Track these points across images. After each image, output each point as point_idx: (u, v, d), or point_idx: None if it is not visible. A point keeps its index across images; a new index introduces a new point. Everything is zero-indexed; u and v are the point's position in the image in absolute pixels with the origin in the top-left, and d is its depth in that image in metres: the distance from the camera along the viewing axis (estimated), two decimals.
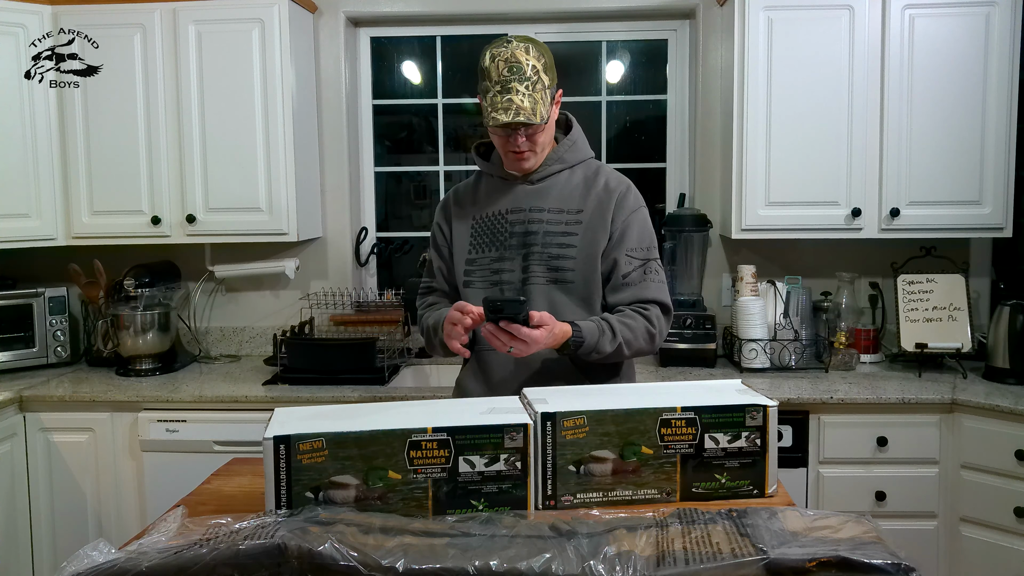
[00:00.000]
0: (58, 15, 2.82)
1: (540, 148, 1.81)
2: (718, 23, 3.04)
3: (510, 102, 1.68)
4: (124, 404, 2.65)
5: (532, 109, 1.69)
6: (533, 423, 1.37)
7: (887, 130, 2.71)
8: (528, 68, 1.70)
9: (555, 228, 1.83)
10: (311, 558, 1.09)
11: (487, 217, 1.89)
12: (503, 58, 1.70)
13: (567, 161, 1.88)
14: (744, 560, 1.11)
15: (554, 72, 1.79)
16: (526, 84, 1.69)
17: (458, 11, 3.13)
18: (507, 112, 1.68)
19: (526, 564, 1.10)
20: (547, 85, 1.73)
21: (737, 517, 1.23)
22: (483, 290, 1.86)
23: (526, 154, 1.79)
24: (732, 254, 3.13)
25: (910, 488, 2.48)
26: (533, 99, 1.70)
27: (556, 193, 1.85)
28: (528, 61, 1.71)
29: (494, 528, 1.21)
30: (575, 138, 1.91)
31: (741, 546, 1.13)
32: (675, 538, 1.17)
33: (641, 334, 1.79)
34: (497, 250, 1.86)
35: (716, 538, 1.16)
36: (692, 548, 1.14)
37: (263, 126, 2.83)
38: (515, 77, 1.69)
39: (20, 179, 2.82)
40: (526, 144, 1.77)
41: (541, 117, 1.70)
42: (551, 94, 1.76)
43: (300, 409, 1.48)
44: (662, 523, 1.22)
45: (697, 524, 1.21)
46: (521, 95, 1.68)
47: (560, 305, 1.81)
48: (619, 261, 1.83)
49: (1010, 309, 2.64)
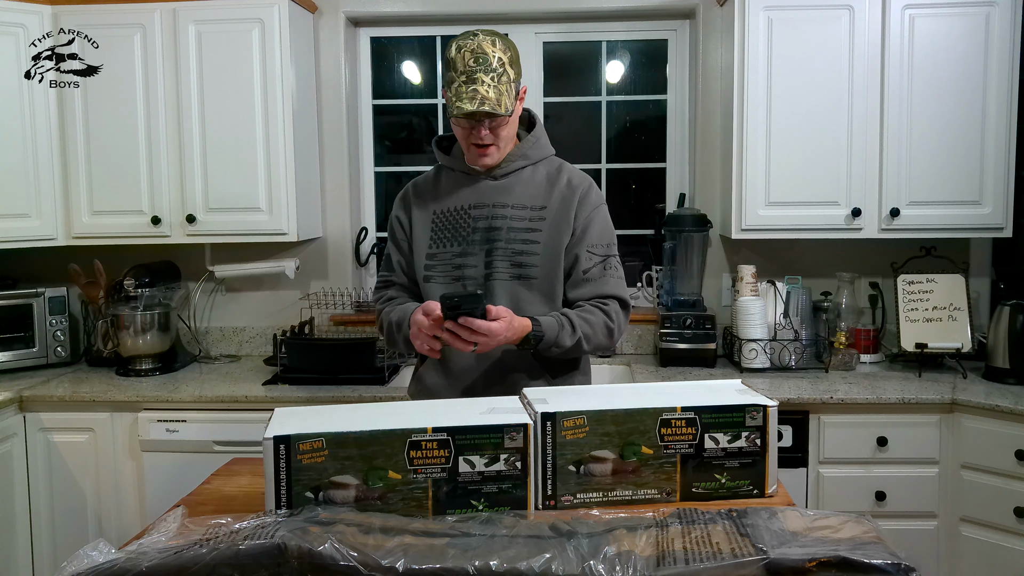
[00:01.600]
0: (58, 15, 2.82)
1: (503, 143, 1.80)
2: (718, 23, 3.04)
3: (475, 92, 1.68)
4: (124, 404, 2.65)
5: (497, 100, 1.69)
6: (533, 423, 1.37)
7: (887, 130, 2.71)
8: (494, 60, 1.69)
9: (519, 224, 1.83)
10: (311, 558, 1.09)
11: (449, 212, 1.88)
12: (469, 49, 1.70)
13: (531, 157, 1.88)
14: (744, 560, 1.11)
15: (519, 67, 1.79)
16: (492, 75, 1.69)
17: (458, 11, 3.13)
18: (472, 101, 1.68)
19: (526, 564, 1.10)
20: (512, 79, 1.73)
21: (737, 517, 1.23)
22: (444, 285, 1.85)
23: (489, 149, 1.79)
24: (732, 254, 3.13)
25: (910, 488, 2.48)
26: (499, 90, 1.69)
27: (520, 189, 1.85)
28: (494, 53, 1.70)
29: (494, 528, 1.21)
30: (538, 135, 1.91)
31: (741, 546, 1.13)
32: (675, 538, 1.17)
33: (600, 329, 1.80)
34: (459, 245, 1.85)
35: (716, 538, 1.16)
36: (692, 548, 1.14)
37: (263, 126, 2.83)
38: (481, 68, 1.69)
39: (20, 179, 2.82)
40: (489, 137, 1.76)
41: (506, 109, 1.70)
42: (516, 88, 1.76)
43: (300, 409, 1.48)
44: (662, 523, 1.22)
45: (697, 524, 1.21)
46: (487, 86, 1.68)
47: (523, 301, 1.81)
48: (580, 257, 1.84)
49: (1010, 309, 2.64)
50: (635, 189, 3.37)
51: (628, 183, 3.36)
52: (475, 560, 1.11)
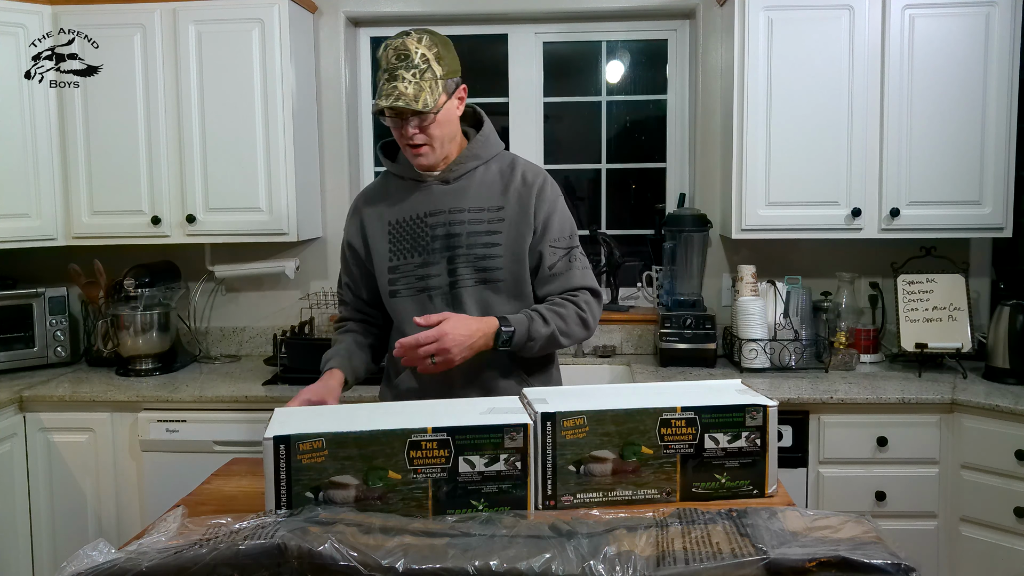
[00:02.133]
0: (58, 15, 2.82)
1: (437, 143, 1.75)
2: (718, 23, 3.04)
3: (394, 88, 1.65)
4: (124, 404, 2.65)
5: (415, 96, 1.66)
6: (533, 423, 1.37)
7: (887, 130, 2.71)
8: (416, 56, 1.67)
9: (478, 228, 1.80)
10: (311, 558, 1.09)
11: (404, 221, 1.84)
12: (393, 47, 1.68)
13: (481, 157, 1.85)
14: (744, 560, 1.11)
15: (452, 66, 1.75)
16: (413, 72, 1.66)
17: (458, 11, 3.13)
18: (388, 97, 1.66)
19: (526, 564, 1.10)
20: (439, 75, 1.69)
21: (737, 517, 1.23)
22: (411, 299, 1.83)
23: (422, 148, 1.74)
24: (732, 254, 3.13)
25: (910, 488, 2.48)
26: (419, 86, 1.66)
27: (474, 191, 1.82)
28: (418, 50, 1.68)
29: (494, 528, 1.21)
30: (487, 133, 1.87)
31: (741, 546, 1.13)
32: (675, 538, 1.17)
33: (573, 320, 1.80)
34: (420, 255, 1.82)
35: (716, 538, 1.16)
36: (692, 548, 1.14)
37: (263, 126, 2.83)
38: (402, 65, 1.66)
39: (20, 179, 2.82)
40: (420, 136, 1.72)
41: (424, 104, 1.66)
42: (444, 85, 1.71)
43: (300, 409, 1.48)
44: (662, 523, 1.22)
45: (697, 524, 1.21)
46: (406, 82, 1.65)
47: (493, 305, 1.80)
48: (544, 253, 1.82)
49: (1010, 309, 2.64)
50: (635, 189, 3.37)
51: (628, 183, 3.36)
52: (475, 560, 1.11)
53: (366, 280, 1.93)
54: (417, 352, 1.65)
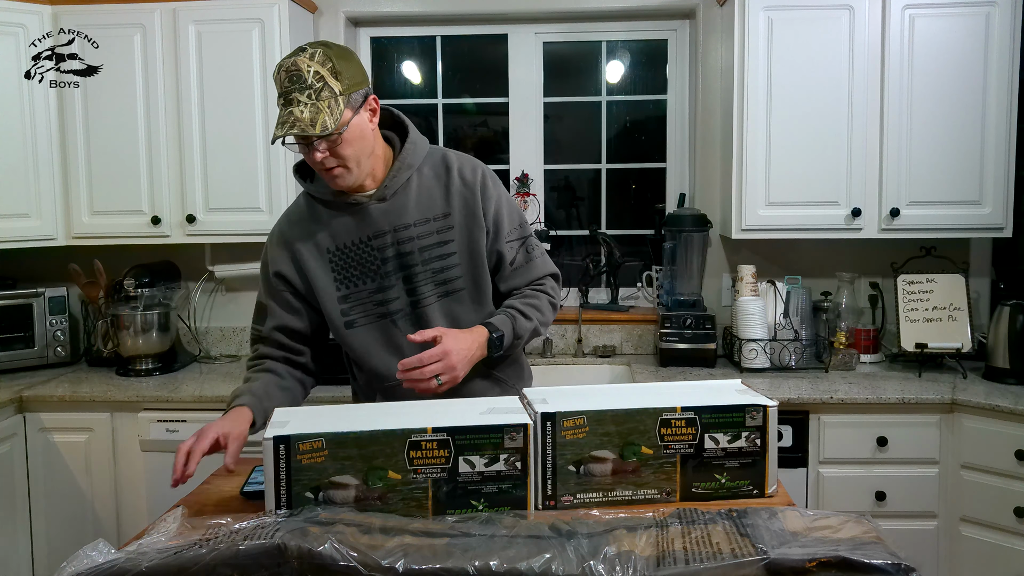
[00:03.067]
0: (58, 15, 2.82)
1: (353, 163, 1.62)
2: (718, 23, 3.04)
3: (289, 114, 1.53)
4: (124, 404, 2.65)
5: (312, 120, 1.53)
6: (533, 423, 1.37)
7: (887, 130, 2.71)
8: (309, 75, 1.54)
9: (429, 240, 1.72)
10: (311, 558, 1.09)
11: (346, 247, 1.72)
12: (285, 68, 1.55)
13: (413, 165, 1.74)
14: (744, 560, 1.11)
15: (355, 78, 1.60)
16: (307, 93, 1.53)
17: (458, 11, 3.13)
18: (283, 126, 1.53)
19: (526, 564, 1.10)
20: (338, 92, 1.55)
21: (737, 517, 1.23)
22: (370, 326, 1.74)
23: (335, 171, 1.62)
24: (732, 254, 3.13)
25: (910, 488, 2.48)
26: (316, 108, 1.53)
27: (414, 203, 1.72)
28: (310, 68, 1.54)
29: (494, 528, 1.21)
30: (414, 139, 1.75)
31: (741, 546, 1.13)
32: (675, 538, 1.17)
33: (547, 308, 1.82)
34: (373, 280, 1.73)
35: (716, 538, 1.16)
36: (692, 548, 1.14)
37: (263, 126, 2.82)
38: (296, 87, 1.53)
39: (20, 179, 2.82)
40: (330, 160, 1.60)
41: (323, 127, 1.53)
42: (347, 100, 1.57)
43: (300, 409, 1.48)
44: (662, 523, 1.22)
45: (697, 524, 1.21)
46: (301, 106, 1.53)
47: (459, 315, 1.76)
48: (503, 252, 1.79)
49: (1010, 309, 2.64)
50: (635, 189, 3.37)
51: (628, 183, 3.36)
52: (474, 560, 1.11)
53: (299, 314, 1.78)
54: (422, 372, 1.58)
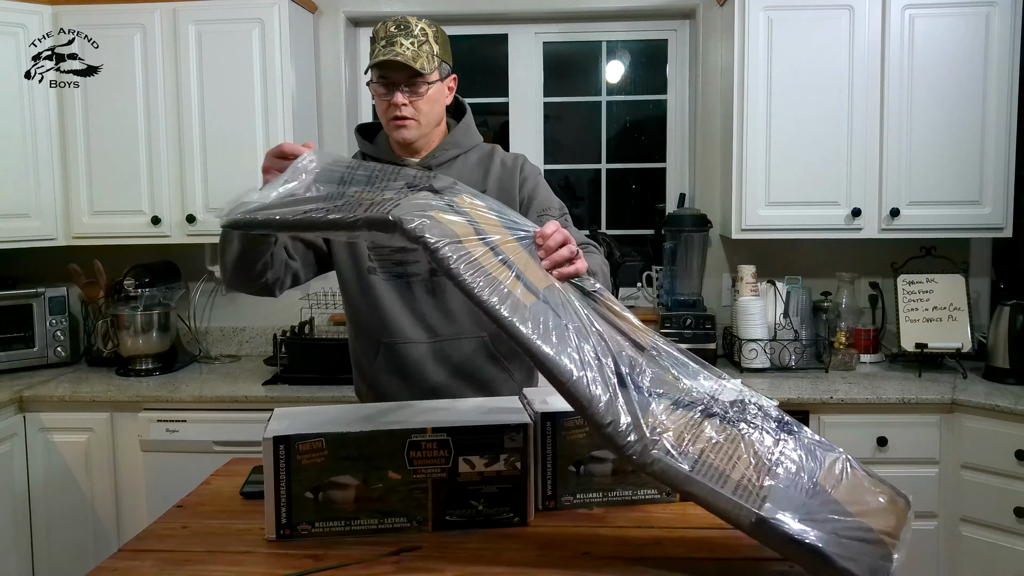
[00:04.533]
0: (58, 15, 2.82)
1: (424, 119, 1.71)
2: (718, 23, 3.04)
3: (391, 49, 1.63)
4: (124, 404, 2.65)
5: (413, 57, 1.63)
6: (533, 423, 1.37)
7: (887, 130, 2.71)
8: (416, 28, 1.67)
9: None
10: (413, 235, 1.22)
11: None
12: (393, 20, 1.68)
13: (463, 146, 1.83)
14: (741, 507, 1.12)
15: (448, 52, 1.75)
16: (412, 40, 1.65)
17: (458, 11, 3.13)
18: (387, 52, 1.63)
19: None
20: (436, 52, 1.68)
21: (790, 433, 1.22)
22: (388, 282, 1.76)
23: (408, 121, 1.70)
24: (732, 254, 3.13)
25: (910, 488, 2.42)
26: (417, 52, 1.64)
27: (455, 178, 1.73)
28: (418, 24, 1.68)
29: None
30: (468, 123, 1.85)
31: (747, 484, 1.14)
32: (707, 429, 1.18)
33: (597, 257, 1.70)
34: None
35: (740, 453, 1.17)
36: (707, 457, 1.15)
37: (263, 126, 2.82)
38: (402, 33, 1.65)
39: (20, 179, 2.82)
40: (408, 109, 1.68)
41: (422, 66, 1.64)
42: (440, 62, 1.71)
43: (300, 409, 1.48)
44: (707, 410, 1.22)
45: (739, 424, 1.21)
46: (405, 47, 1.64)
47: None
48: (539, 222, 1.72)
49: (1010, 309, 2.64)
50: (635, 189, 3.37)
51: (628, 183, 3.36)
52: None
53: (308, 245, 1.78)
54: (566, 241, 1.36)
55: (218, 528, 1.41)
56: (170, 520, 1.45)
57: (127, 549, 1.34)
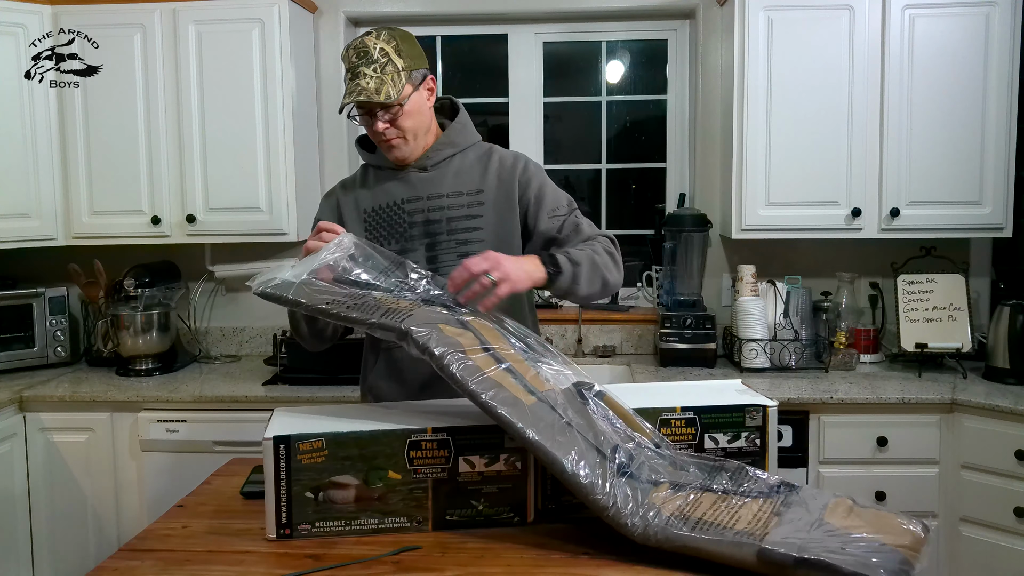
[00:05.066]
0: (58, 15, 2.82)
1: (411, 135, 1.74)
2: (718, 23, 3.04)
3: (356, 85, 1.66)
4: (124, 404, 2.65)
5: (376, 89, 1.66)
6: None
7: (887, 130, 2.71)
8: (375, 51, 1.68)
9: (458, 212, 1.77)
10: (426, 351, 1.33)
11: (380, 208, 1.80)
12: (353, 47, 1.69)
13: (458, 144, 1.83)
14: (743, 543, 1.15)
15: (413, 58, 1.73)
16: (373, 67, 1.67)
17: (458, 11, 3.13)
18: (350, 95, 1.67)
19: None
20: (400, 68, 1.69)
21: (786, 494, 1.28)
22: None
23: (394, 141, 1.74)
24: (732, 254, 3.13)
25: (910, 488, 2.48)
26: (380, 80, 1.66)
27: (451, 177, 1.80)
28: (376, 45, 1.68)
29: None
30: (463, 121, 1.85)
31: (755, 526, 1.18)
32: (703, 503, 1.25)
33: (601, 255, 1.69)
34: (398, 242, 1.77)
35: (744, 512, 1.21)
36: (710, 518, 1.21)
37: (263, 126, 2.83)
38: (362, 62, 1.67)
39: (20, 179, 2.82)
40: (391, 131, 1.72)
41: (387, 96, 1.66)
42: (408, 76, 1.70)
43: (300, 409, 1.48)
44: (705, 486, 1.29)
45: (738, 495, 1.28)
46: (368, 78, 1.66)
47: None
48: (547, 228, 1.76)
49: (1010, 309, 2.64)
50: (635, 189, 3.37)
51: (628, 183, 3.36)
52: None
53: None
54: (470, 272, 1.49)
55: (218, 528, 1.41)
56: (170, 520, 1.46)
57: (127, 549, 1.34)
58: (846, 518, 1.22)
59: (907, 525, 1.21)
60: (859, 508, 1.25)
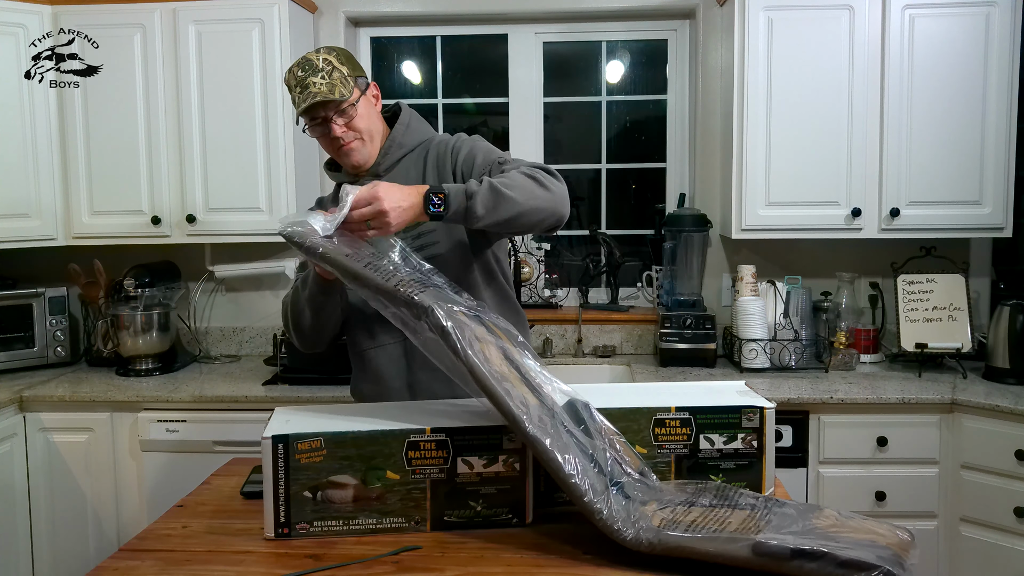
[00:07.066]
0: (58, 15, 2.82)
1: (367, 135, 1.77)
2: (718, 23, 3.04)
3: (308, 93, 1.69)
4: (124, 404, 2.65)
5: (329, 90, 1.69)
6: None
7: (887, 130, 2.71)
8: (319, 62, 1.71)
9: None
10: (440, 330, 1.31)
11: None
12: (297, 64, 1.72)
13: (406, 144, 1.83)
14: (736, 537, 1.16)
15: (357, 69, 1.77)
16: (320, 75, 1.70)
17: (458, 11, 3.13)
18: (305, 100, 1.69)
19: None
20: (346, 74, 1.72)
21: (772, 505, 1.28)
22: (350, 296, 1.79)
23: (352, 144, 1.76)
24: (732, 254, 3.13)
25: (910, 488, 2.48)
26: (330, 84, 1.69)
27: (402, 179, 1.76)
28: (319, 57, 1.72)
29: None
30: (405, 121, 1.85)
31: (748, 527, 1.19)
32: (694, 511, 1.27)
33: (520, 180, 1.61)
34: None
35: (733, 519, 1.23)
36: (700, 521, 1.22)
37: (263, 126, 2.83)
38: (309, 73, 1.70)
39: (20, 179, 2.83)
40: (349, 134, 1.74)
41: (340, 94, 1.69)
42: (354, 82, 1.74)
43: (300, 409, 1.49)
44: (692, 502, 1.30)
45: (725, 507, 1.29)
46: (318, 84, 1.69)
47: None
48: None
49: (1010, 309, 2.64)
50: (635, 189, 3.37)
51: (628, 183, 3.36)
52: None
53: None
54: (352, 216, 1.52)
55: (218, 528, 1.41)
56: (170, 520, 1.46)
57: (127, 549, 1.34)
58: (834, 525, 1.22)
59: (894, 531, 1.22)
60: (843, 518, 1.26)
